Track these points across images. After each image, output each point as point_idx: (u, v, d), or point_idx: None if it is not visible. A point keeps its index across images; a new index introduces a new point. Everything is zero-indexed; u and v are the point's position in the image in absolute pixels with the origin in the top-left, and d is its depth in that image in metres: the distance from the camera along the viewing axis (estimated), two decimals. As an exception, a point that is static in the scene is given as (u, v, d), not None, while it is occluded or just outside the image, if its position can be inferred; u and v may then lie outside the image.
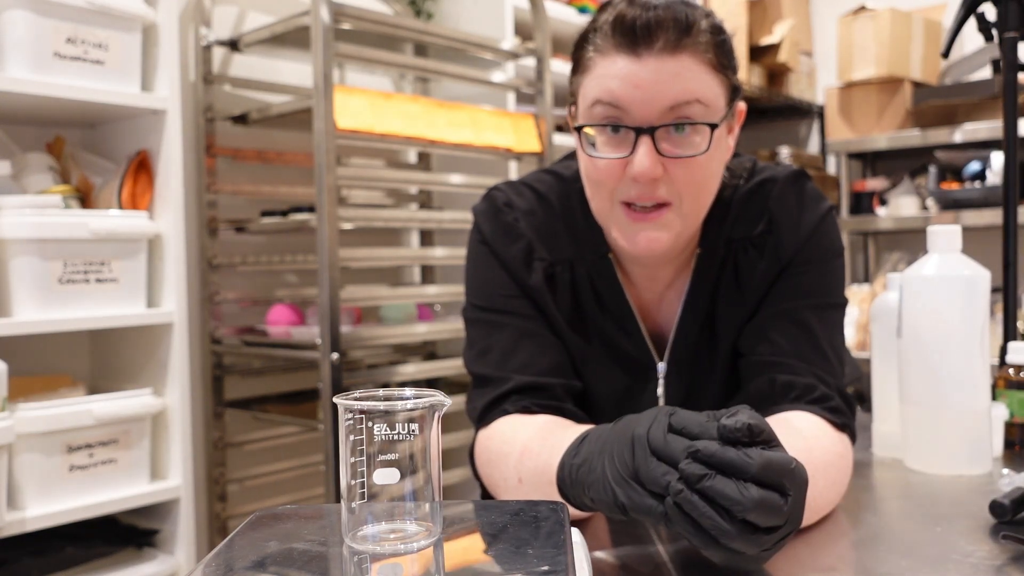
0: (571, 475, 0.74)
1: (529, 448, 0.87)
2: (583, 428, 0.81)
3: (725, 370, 1.04)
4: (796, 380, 0.95)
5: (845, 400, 0.97)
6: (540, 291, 1.02)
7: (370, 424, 0.58)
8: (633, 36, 0.88)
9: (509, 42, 2.45)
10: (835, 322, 1.01)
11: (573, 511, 0.78)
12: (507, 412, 0.97)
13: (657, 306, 1.06)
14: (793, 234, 1.00)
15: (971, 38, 2.79)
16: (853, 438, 0.97)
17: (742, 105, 0.99)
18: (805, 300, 0.99)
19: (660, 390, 1.04)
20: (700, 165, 0.91)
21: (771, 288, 1.01)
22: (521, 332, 1.01)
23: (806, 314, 0.99)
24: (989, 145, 2.97)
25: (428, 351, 2.72)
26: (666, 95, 0.88)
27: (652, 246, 0.94)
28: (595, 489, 0.70)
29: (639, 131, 0.89)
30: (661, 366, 1.04)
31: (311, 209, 2.03)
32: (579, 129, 0.94)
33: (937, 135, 3.03)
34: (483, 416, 0.99)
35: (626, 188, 0.92)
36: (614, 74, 0.90)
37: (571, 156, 1.11)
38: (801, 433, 0.88)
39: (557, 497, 0.78)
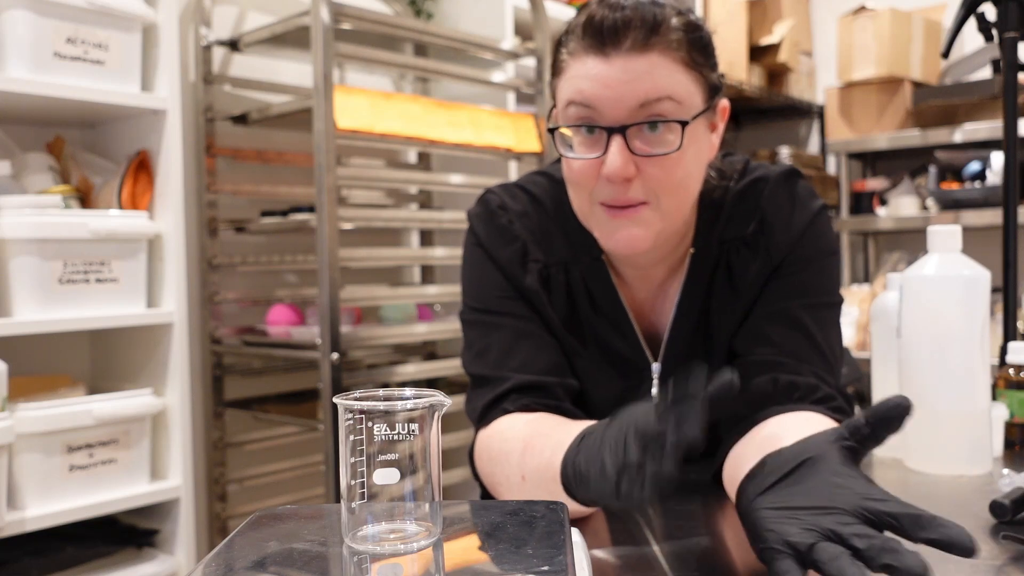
0: (575, 472, 0.75)
1: (531, 445, 0.87)
2: (585, 424, 0.81)
3: (720, 370, 1.04)
4: (798, 380, 0.95)
5: (846, 399, 0.97)
6: (535, 293, 1.03)
7: (370, 424, 0.58)
8: (601, 37, 0.89)
9: (509, 42, 2.45)
10: (831, 321, 1.01)
11: (574, 508, 0.79)
12: (507, 411, 0.97)
13: (651, 307, 1.06)
14: (785, 233, 1.00)
15: (971, 38, 2.79)
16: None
17: (724, 102, 0.98)
18: (800, 299, 0.99)
19: (655, 391, 1.04)
20: (675, 162, 0.91)
21: (765, 288, 1.01)
22: (518, 332, 1.01)
23: (801, 313, 0.99)
24: (989, 145, 2.97)
25: (428, 351, 2.72)
26: (635, 93, 0.89)
27: (632, 243, 0.94)
28: (596, 482, 0.70)
29: (610, 131, 0.90)
30: (655, 367, 1.04)
31: (311, 209, 2.03)
32: (553, 131, 0.95)
33: (937, 135, 3.03)
34: (483, 416, 0.99)
35: (602, 189, 0.93)
36: (584, 74, 0.90)
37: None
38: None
39: (560, 494, 0.78)
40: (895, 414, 0.66)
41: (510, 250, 1.03)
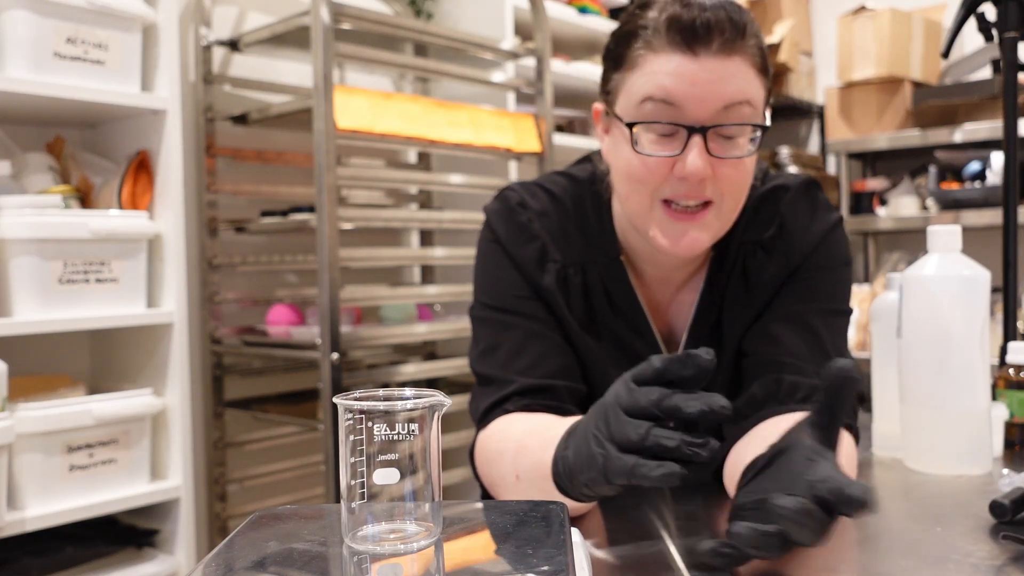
0: (564, 466, 0.75)
1: (525, 445, 0.87)
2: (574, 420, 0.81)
3: (731, 371, 1.04)
4: (801, 381, 0.95)
5: (848, 402, 0.97)
6: (552, 293, 1.02)
7: (370, 424, 0.58)
8: (692, 34, 0.88)
9: (509, 42, 2.45)
10: (840, 328, 1.02)
11: (572, 506, 0.79)
12: (507, 411, 0.97)
13: (667, 308, 1.07)
14: (803, 239, 1.01)
15: (971, 38, 2.79)
16: (857, 439, 0.97)
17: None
18: (812, 304, 1.00)
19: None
20: (745, 167, 0.93)
21: (779, 291, 1.02)
22: (529, 333, 1.01)
23: (812, 318, 0.99)
24: (989, 145, 2.97)
25: (428, 351, 2.72)
26: (721, 94, 0.89)
27: (694, 246, 0.94)
28: (584, 471, 0.71)
29: (692, 130, 0.89)
30: None
31: (311, 209, 2.03)
32: (631, 127, 0.92)
33: (937, 135, 3.03)
34: (484, 417, 0.99)
35: (672, 187, 0.92)
36: (669, 71, 0.89)
37: (585, 159, 1.11)
38: None
39: (554, 492, 0.78)
40: (841, 381, 0.69)
41: (529, 249, 1.03)
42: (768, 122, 0.94)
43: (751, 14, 0.94)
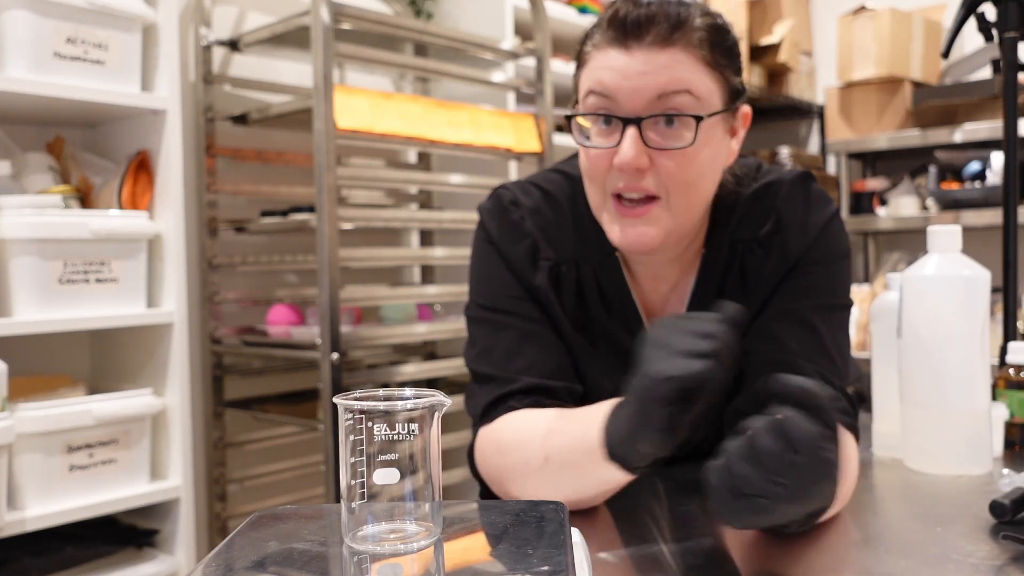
0: (617, 429, 0.78)
1: (556, 427, 0.89)
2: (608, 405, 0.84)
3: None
4: None
5: (849, 400, 0.97)
6: (545, 292, 1.02)
7: (370, 424, 0.58)
8: (624, 30, 0.91)
9: (509, 42, 2.45)
10: (840, 323, 1.02)
11: (595, 493, 0.80)
12: (514, 408, 0.97)
13: (662, 307, 1.06)
14: (800, 234, 1.01)
15: (971, 38, 2.79)
16: (857, 438, 0.97)
17: (746, 108, 0.99)
18: (811, 300, 1.00)
19: None
20: (688, 158, 0.92)
21: (777, 288, 1.01)
22: (524, 333, 1.01)
23: (812, 314, 0.99)
24: (989, 145, 2.97)
25: (428, 351, 2.72)
26: (653, 85, 0.90)
27: (641, 240, 0.94)
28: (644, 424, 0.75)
29: (626, 121, 0.91)
30: None
31: (311, 209, 2.03)
32: (570, 119, 0.96)
33: (937, 135, 3.03)
34: (486, 412, 0.99)
35: (614, 179, 0.94)
36: (605, 65, 0.92)
37: (576, 156, 1.11)
38: None
39: (590, 465, 0.82)
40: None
41: (520, 247, 1.03)
42: (711, 112, 0.92)
43: (705, 8, 0.94)
